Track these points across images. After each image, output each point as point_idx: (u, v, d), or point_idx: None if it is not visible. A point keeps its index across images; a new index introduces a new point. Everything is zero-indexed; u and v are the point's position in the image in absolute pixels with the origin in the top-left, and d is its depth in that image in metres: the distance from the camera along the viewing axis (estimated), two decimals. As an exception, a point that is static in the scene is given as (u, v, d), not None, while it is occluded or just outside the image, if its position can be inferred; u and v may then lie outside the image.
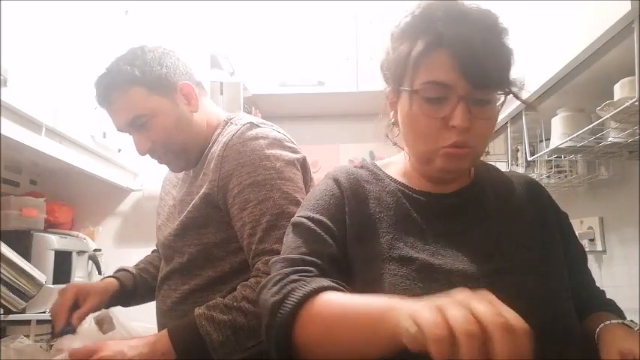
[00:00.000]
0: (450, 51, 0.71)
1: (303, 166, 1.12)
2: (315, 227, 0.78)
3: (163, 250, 1.17)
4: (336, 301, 0.65)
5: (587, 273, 0.90)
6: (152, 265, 1.30)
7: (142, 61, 1.05)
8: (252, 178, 1.01)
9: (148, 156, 1.12)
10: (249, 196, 1.00)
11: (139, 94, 1.04)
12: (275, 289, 0.70)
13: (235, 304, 0.93)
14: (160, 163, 1.15)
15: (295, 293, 0.66)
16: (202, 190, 1.06)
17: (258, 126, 1.09)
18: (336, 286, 0.69)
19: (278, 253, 0.83)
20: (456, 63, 0.71)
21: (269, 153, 1.04)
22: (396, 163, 0.90)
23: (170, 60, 1.08)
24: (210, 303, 0.96)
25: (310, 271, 0.72)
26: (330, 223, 0.79)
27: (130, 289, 1.22)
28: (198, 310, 0.94)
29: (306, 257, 0.74)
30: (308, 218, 0.80)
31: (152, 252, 1.37)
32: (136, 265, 1.31)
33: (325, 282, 0.68)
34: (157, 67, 1.05)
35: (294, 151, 1.11)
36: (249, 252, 1.00)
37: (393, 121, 0.85)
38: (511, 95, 0.77)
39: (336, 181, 0.84)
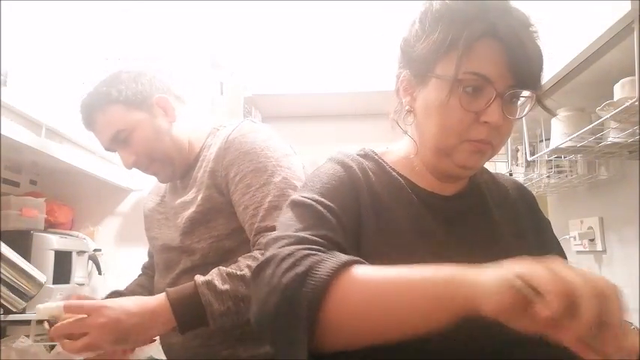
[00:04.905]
0: (501, 44, 0.67)
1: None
2: (323, 210, 0.68)
3: (167, 255, 1.16)
4: (376, 272, 0.57)
5: None
6: (141, 287, 1.29)
7: (118, 81, 1.13)
8: (253, 165, 1.05)
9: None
10: (250, 182, 1.04)
11: (118, 111, 1.11)
12: (286, 264, 0.58)
13: (238, 272, 0.95)
14: (148, 174, 1.19)
15: (322, 265, 0.57)
16: (204, 186, 1.09)
17: (255, 123, 1.16)
18: (362, 260, 0.60)
19: None
20: (506, 57, 0.67)
21: (269, 144, 1.09)
22: (396, 154, 0.84)
23: (146, 77, 1.16)
24: (213, 271, 0.97)
25: (321, 249, 0.62)
26: (339, 211, 0.69)
27: None
28: (200, 279, 0.95)
29: (311, 237, 0.64)
30: (313, 200, 0.70)
31: (139, 276, 1.36)
32: (126, 288, 1.29)
33: (350, 256, 0.60)
34: (133, 85, 1.13)
35: (291, 149, 1.16)
36: (252, 231, 1.02)
37: (408, 107, 0.78)
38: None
39: (348, 167, 0.77)
